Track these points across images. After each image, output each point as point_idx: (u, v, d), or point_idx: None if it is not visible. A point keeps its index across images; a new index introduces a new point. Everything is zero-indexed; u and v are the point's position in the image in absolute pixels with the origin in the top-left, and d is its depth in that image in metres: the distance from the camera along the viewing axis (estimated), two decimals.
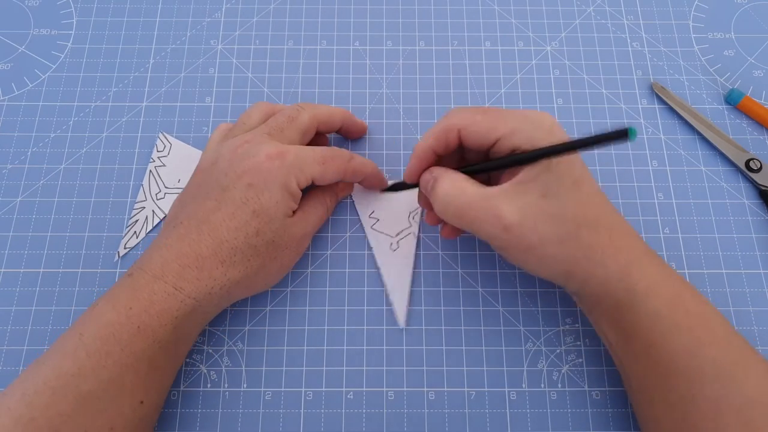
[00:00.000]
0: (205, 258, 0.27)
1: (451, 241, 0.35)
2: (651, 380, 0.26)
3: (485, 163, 0.28)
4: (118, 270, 0.34)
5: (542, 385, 0.32)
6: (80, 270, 0.34)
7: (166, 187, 0.36)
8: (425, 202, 0.31)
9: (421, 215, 0.35)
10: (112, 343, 0.25)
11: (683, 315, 0.25)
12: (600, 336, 0.29)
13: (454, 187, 0.27)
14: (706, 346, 0.25)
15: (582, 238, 0.25)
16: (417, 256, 0.34)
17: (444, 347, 0.33)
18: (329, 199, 0.33)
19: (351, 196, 0.36)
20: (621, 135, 0.20)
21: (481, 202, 0.26)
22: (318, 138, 0.35)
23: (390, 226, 0.35)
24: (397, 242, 0.34)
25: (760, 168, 0.36)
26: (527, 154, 0.25)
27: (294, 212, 0.30)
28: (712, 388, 0.24)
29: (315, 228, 0.32)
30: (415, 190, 0.33)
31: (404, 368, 0.32)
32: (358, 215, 0.36)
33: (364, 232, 0.35)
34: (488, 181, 0.30)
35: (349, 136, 0.37)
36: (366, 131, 0.37)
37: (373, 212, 0.35)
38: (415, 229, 0.34)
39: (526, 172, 0.25)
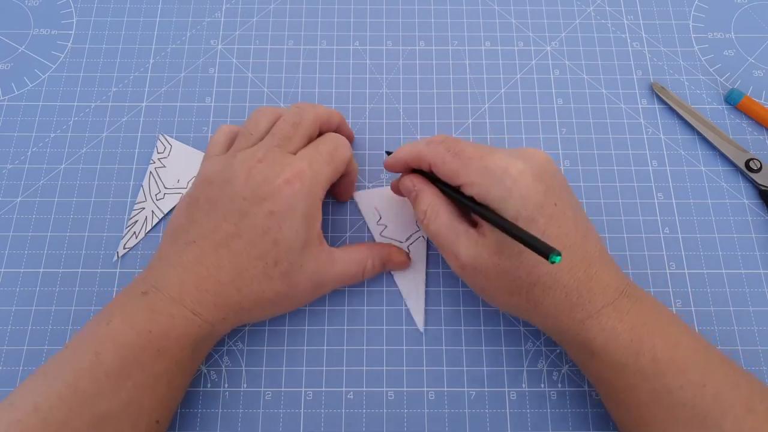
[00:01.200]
0: (224, 285, 0.27)
1: None
2: (629, 422, 0.27)
3: (455, 194, 0.28)
4: (117, 270, 0.34)
5: (542, 385, 0.32)
6: (80, 270, 0.34)
7: (166, 188, 0.36)
8: (397, 190, 0.33)
9: None
10: (132, 365, 0.25)
11: (649, 363, 0.25)
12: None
13: (430, 209, 0.28)
14: (676, 391, 0.24)
15: (533, 295, 0.26)
16: (429, 257, 0.34)
17: (444, 347, 0.33)
18: (370, 263, 0.32)
19: (357, 205, 0.36)
20: (543, 252, 0.22)
21: (448, 235, 0.27)
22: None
23: (399, 232, 0.35)
24: (407, 247, 0.34)
25: (760, 168, 0.36)
26: (478, 208, 0.26)
27: (319, 239, 0.29)
28: (688, 429, 0.24)
29: (336, 282, 0.30)
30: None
31: (404, 368, 0.32)
32: (359, 215, 0.36)
33: (366, 232, 0.35)
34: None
35: None
36: (353, 140, 0.37)
37: (380, 219, 0.35)
38: (424, 232, 0.34)
39: (487, 225, 0.26)
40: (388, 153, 0.33)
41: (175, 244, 0.28)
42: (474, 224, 0.28)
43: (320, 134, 0.33)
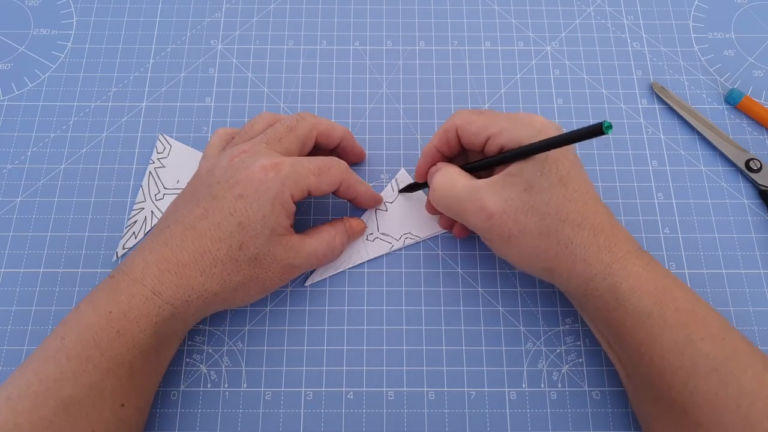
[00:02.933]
0: (186, 265, 0.27)
1: (451, 241, 0.35)
2: (647, 378, 0.26)
3: (477, 162, 0.30)
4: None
5: (542, 385, 0.32)
6: (80, 270, 0.34)
7: (165, 188, 0.36)
8: (432, 207, 0.33)
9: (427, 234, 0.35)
10: (92, 347, 0.25)
11: (672, 312, 0.25)
12: (596, 335, 0.30)
13: (446, 179, 0.29)
14: (698, 342, 0.25)
15: (563, 233, 0.26)
16: (424, 258, 0.34)
17: (444, 347, 0.33)
18: (337, 240, 0.32)
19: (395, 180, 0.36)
20: (596, 130, 0.21)
21: (470, 194, 0.28)
22: (318, 153, 0.34)
23: (386, 224, 0.35)
24: (375, 238, 0.35)
25: (760, 168, 0.36)
26: (510, 152, 0.27)
27: (287, 231, 0.29)
28: (708, 382, 0.24)
29: (307, 264, 0.30)
30: (429, 221, 0.35)
31: (404, 368, 0.32)
32: (360, 215, 0.35)
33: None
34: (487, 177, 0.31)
35: (345, 157, 0.35)
36: (363, 159, 0.37)
37: (391, 202, 0.36)
38: (397, 245, 0.34)
39: (514, 167, 0.27)
40: (403, 190, 0.35)
41: (152, 233, 0.29)
42: None
43: (318, 147, 0.33)
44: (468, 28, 0.41)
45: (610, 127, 0.21)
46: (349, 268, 0.34)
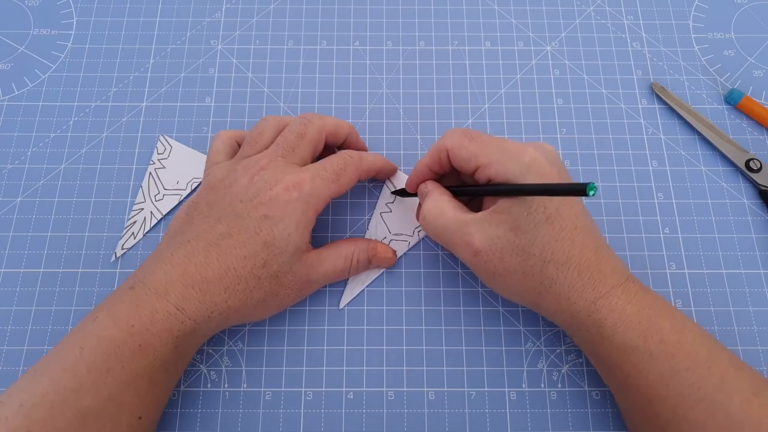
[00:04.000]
0: (210, 282, 0.27)
1: None
2: (637, 406, 0.27)
3: (465, 188, 0.30)
4: (117, 270, 0.34)
5: (542, 385, 0.32)
6: (80, 270, 0.34)
7: (165, 189, 0.36)
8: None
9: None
10: (113, 359, 0.25)
11: (656, 344, 0.25)
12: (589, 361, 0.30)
13: (436, 208, 0.29)
14: (683, 372, 0.25)
15: (546, 273, 0.26)
16: (424, 258, 0.34)
17: (444, 347, 0.33)
18: (356, 257, 0.32)
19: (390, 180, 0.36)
20: (580, 190, 0.21)
21: (458, 227, 0.28)
22: (325, 152, 0.34)
23: (395, 224, 0.35)
24: (390, 241, 0.34)
25: (760, 168, 0.36)
26: (498, 187, 0.27)
27: (308, 247, 0.29)
28: (695, 412, 0.24)
29: (324, 279, 0.31)
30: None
31: (404, 368, 0.32)
32: (359, 215, 0.35)
33: (365, 218, 0.35)
34: (478, 202, 0.32)
35: None
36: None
37: (393, 202, 0.35)
38: (413, 240, 0.34)
39: (502, 203, 0.27)
40: (396, 192, 0.35)
41: (170, 244, 0.29)
42: None
43: (327, 147, 0.33)
44: (468, 28, 0.41)
45: (593, 189, 0.21)
46: (376, 278, 0.34)
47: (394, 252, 0.34)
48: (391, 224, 0.35)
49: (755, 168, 0.36)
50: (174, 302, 0.27)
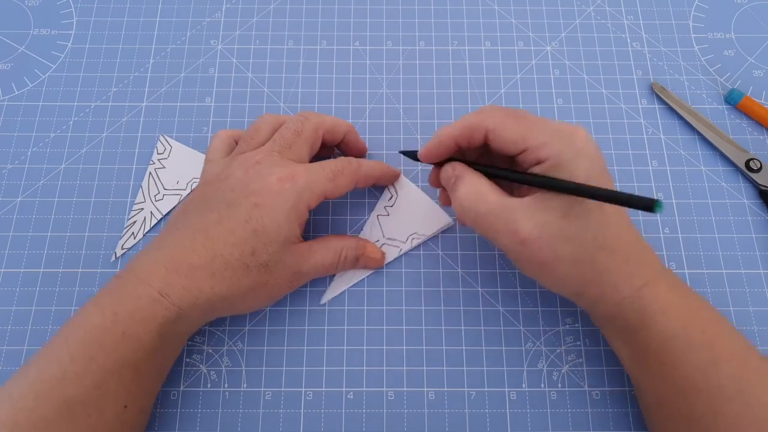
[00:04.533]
0: (197, 268, 0.27)
1: (451, 241, 0.35)
2: (670, 398, 0.26)
3: (511, 173, 0.27)
4: (117, 270, 0.34)
5: (542, 385, 0.32)
6: (80, 270, 0.34)
7: (165, 189, 0.36)
8: (436, 182, 0.31)
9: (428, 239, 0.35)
10: (96, 348, 0.25)
11: (699, 333, 0.25)
12: (615, 351, 0.29)
13: (475, 192, 0.27)
14: (723, 363, 0.25)
15: (598, 261, 0.25)
16: (424, 258, 0.34)
17: (444, 347, 0.33)
18: (344, 253, 0.32)
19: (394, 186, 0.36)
20: (647, 206, 0.21)
21: (501, 213, 0.26)
22: (323, 150, 0.34)
23: (391, 228, 0.35)
24: (382, 245, 0.34)
25: (760, 168, 0.36)
26: (554, 181, 0.25)
27: (298, 239, 0.29)
28: (732, 404, 0.24)
29: (314, 271, 0.31)
30: (433, 216, 0.35)
31: (404, 368, 0.32)
32: (359, 215, 0.35)
33: (365, 218, 0.35)
34: (509, 186, 0.29)
35: (348, 152, 0.35)
36: (365, 153, 0.37)
37: (392, 206, 0.35)
38: (405, 247, 0.34)
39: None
40: (404, 153, 0.33)
41: (161, 234, 0.29)
42: None
43: (325, 146, 0.33)
44: (468, 28, 0.41)
45: (660, 206, 0.20)
46: (361, 280, 0.34)
47: (383, 254, 0.34)
48: (386, 228, 0.35)
49: (755, 168, 0.36)
50: (157, 288, 0.26)
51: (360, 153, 0.36)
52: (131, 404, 0.26)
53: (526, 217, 0.25)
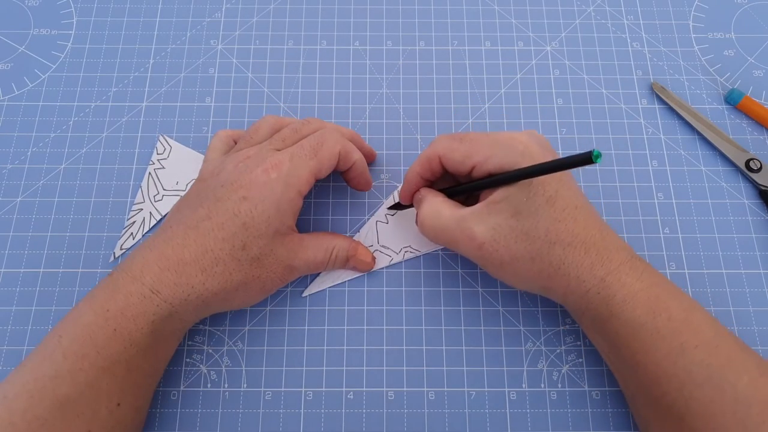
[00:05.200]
0: (187, 264, 0.27)
1: None
2: (643, 386, 0.27)
3: (461, 186, 0.30)
4: None
5: (542, 385, 0.32)
6: (80, 270, 0.34)
7: (164, 189, 0.36)
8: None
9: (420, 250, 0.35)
10: (88, 346, 0.25)
11: (665, 321, 0.25)
12: (593, 343, 0.30)
13: (432, 210, 0.29)
14: (691, 350, 0.25)
15: (554, 254, 0.26)
16: (423, 258, 0.34)
17: (444, 347, 0.33)
18: (336, 252, 0.32)
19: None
20: (585, 159, 0.21)
21: (456, 224, 0.28)
22: None
23: (387, 237, 0.35)
24: (375, 251, 0.34)
25: (760, 168, 0.36)
26: (495, 177, 0.27)
27: (290, 230, 0.29)
28: (703, 390, 0.24)
29: (305, 267, 0.31)
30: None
31: (404, 368, 0.32)
32: (359, 215, 0.35)
33: (365, 219, 0.35)
34: (474, 200, 0.31)
35: None
36: (374, 157, 0.37)
37: (393, 215, 0.35)
38: (397, 258, 0.34)
39: (500, 192, 0.27)
40: (394, 207, 0.35)
41: (154, 233, 0.29)
42: None
43: None
44: (468, 28, 0.41)
45: (599, 156, 0.21)
46: (348, 280, 0.34)
47: (374, 258, 0.34)
48: (382, 235, 0.35)
49: (755, 168, 0.36)
50: (149, 285, 0.27)
51: (369, 158, 0.36)
52: (124, 402, 0.26)
53: (478, 223, 0.27)
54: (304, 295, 0.34)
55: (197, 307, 0.28)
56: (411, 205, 0.33)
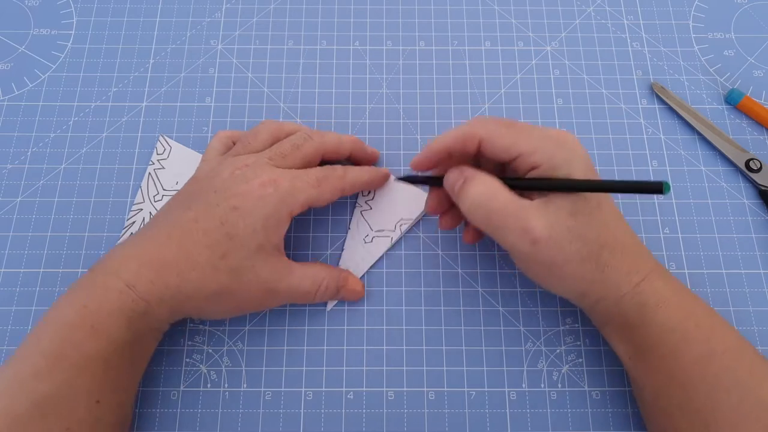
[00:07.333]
0: (166, 264, 0.27)
1: (451, 241, 0.35)
2: (667, 392, 0.26)
3: (519, 180, 0.27)
4: None
5: (542, 385, 0.32)
6: (80, 270, 0.34)
7: (164, 190, 0.36)
8: (437, 205, 0.31)
9: (417, 223, 0.35)
10: (66, 344, 0.25)
11: (694, 327, 0.26)
12: (614, 350, 0.29)
13: (487, 189, 0.26)
14: (719, 356, 0.25)
15: (602, 258, 0.26)
16: (423, 258, 0.34)
17: (444, 347, 0.33)
18: (325, 284, 0.31)
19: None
20: (655, 188, 0.21)
21: (513, 211, 0.26)
22: (326, 164, 0.34)
23: (377, 220, 0.35)
24: (372, 238, 0.34)
25: (760, 168, 0.36)
26: (560, 182, 0.26)
27: (276, 250, 0.29)
28: (730, 396, 0.24)
29: (288, 294, 0.30)
30: (415, 199, 0.34)
31: (404, 368, 0.32)
32: (342, 215, 0.35)
33: (347, 217, 0.35)
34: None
35: (358, 164, 0.35)
36: (377, 159, 0.36)
37: (372, 198, 0.35)
38: (395, 235, 0.34)
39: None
40: (404, 179, 0.33)
41: (141, 228, 0.29)
42: None
43: (325, 163, 0.33)
44: (468, 28, 0.41)
45: (669, 188, 0.21)
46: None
47: (363, 286, 0.33)
48: (372, 221, 0.35)
49: (755, 168, 0.36)
50: (125, 280, 0.26)
51: (371, 161, 0.36)
52: (104, 399, 0.26)
53: (537, 216, 0.25)
54: (328, 309, 0.33)
55: (172, 307, 0.28)
56: (423, 180, 0.32)
